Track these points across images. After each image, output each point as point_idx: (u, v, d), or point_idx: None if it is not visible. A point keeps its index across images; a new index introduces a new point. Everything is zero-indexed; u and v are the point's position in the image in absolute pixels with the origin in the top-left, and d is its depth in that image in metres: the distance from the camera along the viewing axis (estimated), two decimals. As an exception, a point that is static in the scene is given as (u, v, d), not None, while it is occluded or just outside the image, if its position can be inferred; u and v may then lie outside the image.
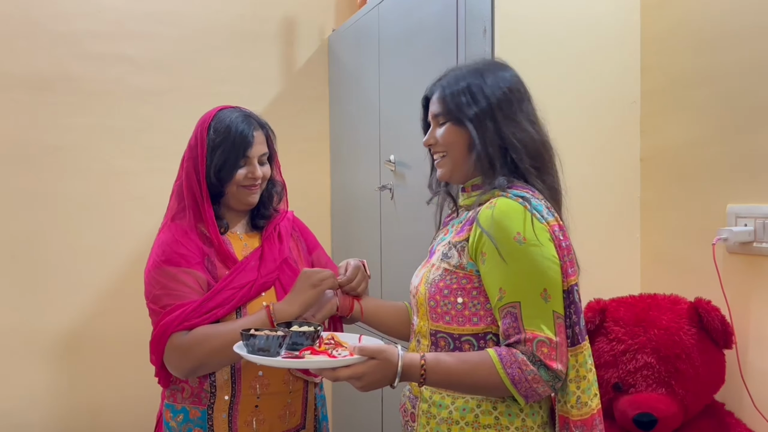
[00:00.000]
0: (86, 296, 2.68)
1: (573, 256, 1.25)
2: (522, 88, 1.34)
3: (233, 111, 1.61)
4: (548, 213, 1.24)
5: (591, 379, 1.24)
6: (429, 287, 1.30)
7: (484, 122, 1.27)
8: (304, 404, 1.62)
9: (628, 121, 1.99)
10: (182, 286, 1.49)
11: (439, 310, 1.28)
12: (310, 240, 1.78)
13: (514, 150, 1.27)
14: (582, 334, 1.23)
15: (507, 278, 1.19)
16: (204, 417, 1.53)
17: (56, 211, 2.63)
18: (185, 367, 1.47)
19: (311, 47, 2.97)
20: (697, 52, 1.83)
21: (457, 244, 1.28)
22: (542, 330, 1.17)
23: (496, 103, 1.28)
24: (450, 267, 1.28)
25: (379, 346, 1.20)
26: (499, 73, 1.33)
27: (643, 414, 1.59)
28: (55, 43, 2.61)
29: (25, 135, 2.58)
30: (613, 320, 1.70)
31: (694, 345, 1.62)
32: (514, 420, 1.25)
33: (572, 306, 1.22)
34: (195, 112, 2.75)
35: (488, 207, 1.23)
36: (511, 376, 1.17)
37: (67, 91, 2.63)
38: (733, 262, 1.71)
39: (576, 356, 1.22)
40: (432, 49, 2.06)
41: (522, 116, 1.30)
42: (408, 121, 2.25)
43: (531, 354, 1.17)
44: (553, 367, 1.17)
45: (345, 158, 2.86)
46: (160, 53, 2.74)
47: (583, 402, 1.22)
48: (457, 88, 1.30)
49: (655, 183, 1.97)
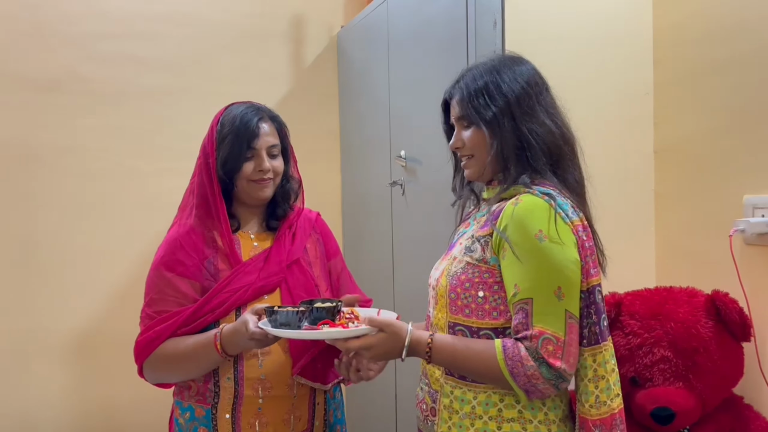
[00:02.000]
0: (98, 297, 2.68)
1: (596, 256, 1.24)
2: (540, 80, 1.33)
3: (243, 104, 1.60)
4: (573, 212, 1.23)
5: (612, 379, 1.23)
6: (450, 279, 1.29)
7: (503, 122, 1.27)
8: (311, 410, 1.58)
9: (641, 113, 1.98)
10: (176, 293, 1.52)
11: (459, 303, 1.28)
12: (330, 246, 1.72)
13: (530, 148, 1.26)
14: (603, 334, 1.22)
15: (523, 274, 1.19)
16: (208, 416, 1.53)
17: (67, 212, 2.63)
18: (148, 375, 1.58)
19: (320, 45, 2.97)
20: (709, 42, 1.81)
21: (480, 239, 1.28)
22: (550, 328, 1.17)
23: (514, 100, 1.28)
24: (473, 260, 1.27)
25: (389, 320, 1.26)
26: (515, 68, 1.32)
27: (661, 408, 1.58)
28: (63, 44, 2.61)
29: (35, 136, 2.59)
30: (628, 314, 1.68)
31: (712, 338, 1.60)
32: (537, 413, 1.25)
33: (593, 306, 1.21)
34: (204, 111, 2.76)
35: (513, 203, 1.23)
36: (510, 368, 1.17)
37: (77, 92, 2.63)
38: (751, 254, 1.68)
39: (594, 356, 1.21)
40: (442, 44, 2.05)
41: (540, 109, 1.29)
42: (418, 116, 2.24)
43: (535, 350, 1.17)
44: (556, 365, 1.16)
45: (355, 155, 2.85)
46: (169, 53, 2.74)
47: (602, 401, 1.21)
48: (476, 89, 1.30)
49: (669, 175, 1.95)
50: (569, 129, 1.33)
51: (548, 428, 1.25)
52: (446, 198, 2.01)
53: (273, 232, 1.63)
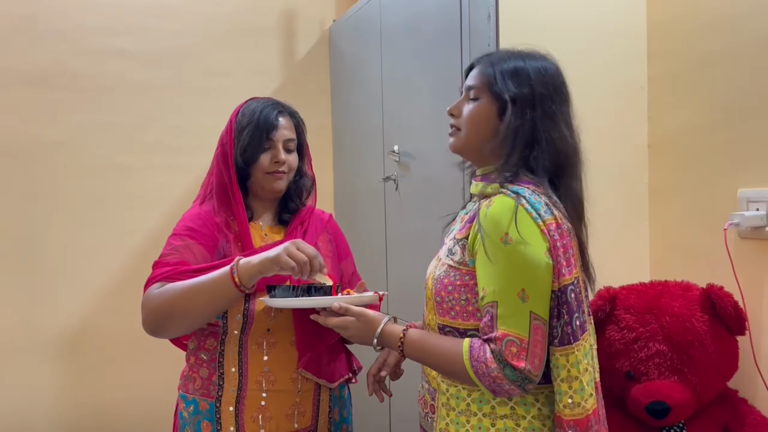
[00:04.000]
0: (89, 293, 2.66)
1: (571, 254, 1.22)
2: (565, 90, 1.32)
3: (264, 99, 1.64)
4: (546, 211, 1.20)
5: (585, 379, 1.21)
6: (435, 283, 1.30)
7: (524, 109, 1.25)
8: (316, 406, 1.57)
9: (636, 107, 1.97)
10: (193, 255, 1.51)
11: (444, 306, 1.28)
12: (342, 247, 1.72)
13: (539, 146, 1.25)
14: (575, 334, 1.20)
15: (489, 277, 1.19)
16: (212, 410, 1.52)
17: (57, 207, 2.61)
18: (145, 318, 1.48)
19: (312, 39, 2.95)
20: (704, 35, 1.80)
21: (459, 241, 1.28)
22: (514, 330, 1.16)
23: (538, 95, 1.26)
24: (454, 263, 1.27)
25: (362, 311, 1.34)
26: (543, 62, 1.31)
27: (656, 402, 1.57)
28: (53, 38, 2.58)
29: (25, 131, 2.57)
30: (623, 308, 1.68)
31: (707, 332, 1.60)
32: (531, 409, 1.25)
33: (564, 306, 1.19)
34: (195, 106, 2.77)
35: (486, 205, 1.22)
36: (475, 369, 1.18)
37: (67, 87, 2.61)
38: (745, 248, 1.68)
39: (567, 356, 1.20)
40: (435, 37, 2.03)
41: (560, 117, 1.28)
42: (411, 110, 2.23)
43: (499, 353, 1.16)
44: (520, 366, 1.15)
45: (348, 150, 2.84)
46: (159, 47, 2.72)
47: (576, 402, 1.20)
48: (503, 68, 1.28)
49: (663, 169, 1.95)
50: (580, 146, 1.32)
51: (542, 423, 1.25)
52: (440, 193, 2.01)
53: (285, 226, 1.64)
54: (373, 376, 1.50)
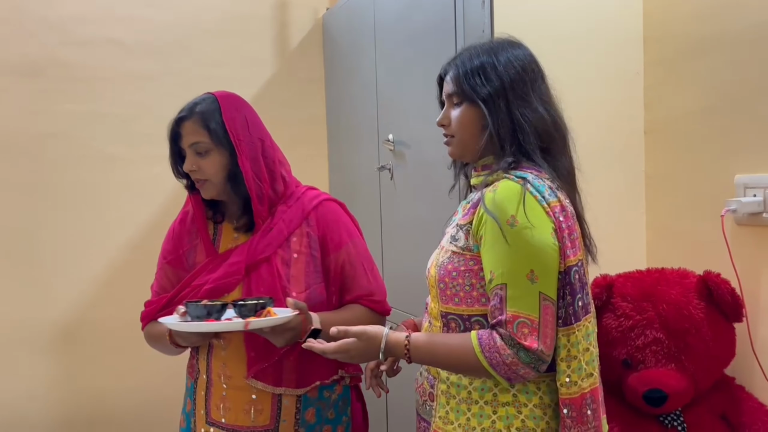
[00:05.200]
0: (83, 284, 2.65)
1: (576, 236, 1.24)
2: (536, 67, 1.33)
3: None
4: (550, 194, 1.23)
5: (585, 359, 1.23)
6: (438, 270, 1.30)
7: (497, 102, 1.27)
8: (275, 407, 1.52)
9: (632, 94, 1.95)
10: (166, 280, 1.61)
11: (448, 292, 1.29)
12: (331, 239, 1.56)
13: (522, 131, 1.26)
14: (576, 314, 1.22)
15: (497, 261, 1.20)
16: (192, 388, 1.59)
17: (49, 199, 2.59)
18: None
19: (305, 28, 2.92)
20: (700, 20, 1.78)
21: (463, 227, 1.29)
22: (524, 310, 1.18)
23: (509, 83, 1.28)
24: (458, 249, 1.28)
25: (360, 330, 1.29)
26: (512, 51, 1.32)
27: (653, 390, 1.57)
28: (43, 28, 2.55)
29: (15, 123, 2.54)
30: (620, 296, 1.67)
31: (704, 319, 1.59)
32: (532, 397, 1.25)
33: (567, 287, 1.21)
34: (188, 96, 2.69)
35: (491, 190, 1.24)
36: (489, 360, 1.18)
37: (57, 77, 2.58)
38: (743, 234, 1.67)
39: (568, 336, 1.22)
40: (429, 25, 2.01)
41: (534, 96, 1.29)
42: (406, 99, 2.21)
43: (509, 337, 1.17)
44: (533, 347, 1.16)
45: (343, 139, 2.82)
46: (150, 37, 2.69)
47: (573, 381, 1.21)
48: (471, 67, 1.30)
49: (659, 156, 1.93)
50: (562, 119, 1.33)
51: (543, 411, 1.25)
52: (436, 182, 2.00)
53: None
54: (371, 371, 1.50)
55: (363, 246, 1.64)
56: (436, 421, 1.32)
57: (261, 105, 3.00)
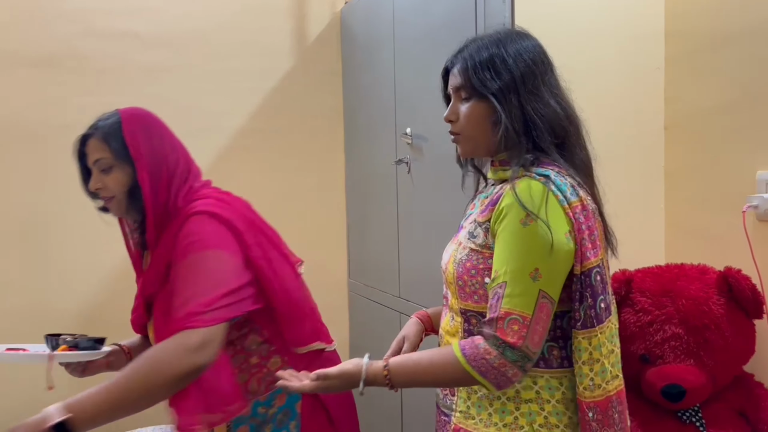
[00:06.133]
0: (98, 276, 2.66)
1: (596, 236, 1.21)
2: (545, 59, 1.29)
3: None
4: (572, 193, 1.20)
5: (609, 361, 1.21)
6: (457, 267, 1.28)
7: (509, 97, 1.24)
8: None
9: (652, 88, 1.94)
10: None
11: (467, 290, 1.27)
12: (176, 253, 1.38)
13: (536, 127, 1.24)
14: (599, 317, 1.19)
15: (504, 260, 1.18)
16: None
17: (66, 190, 2.60)
18: None
19: (323, 21, 2.92)
20: (722, 14, 1.77)
21: (482, 224, 1.26)
22: (518, 308, 1.15)
23: (519, 77, 1.24)
24: (476, 247, 1.26)
25: (339, 371, 1.25)
26: (521, 43, 1.28)
27: (672, 385, 1.57)
28: (61, 20, 2.57)
29: (33, 114, 2.55)
30: (639, 291, 1.67)
31: (724, 315, 1.59)
32: (555, 393, 1.24)
33: (588, 289, 1.18)
34: (204, 88, 2.76)
35: (512, 188, 1.20)
36: (478, 369, 1.16)
37: (74, 69, 2.59)
38: (764, 230, 1.66)
39: (590, 339, 1.19)
40: (449, 18, 2.01)
41: (545, 90, 1.26)
42: (425, 92, 2.20)
43: (493, 336, 1.15)
44: (518, 345, 1.14)
45: (360, 133, 2.82)
46: (168, 29, 2.69)
47: (597, 384, 1.19)
48: (480, 60, 1.26)
49: (679, 151, 1.92)
50: (574, 110, 1.30)
51: (566, 407, 1.24)
52: (453, 176, 1.99)
53: None
54: None
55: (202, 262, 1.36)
56: (456, 416, 1.31)
57: (278, 98, 3.03)
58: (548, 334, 1.21)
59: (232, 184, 2.57)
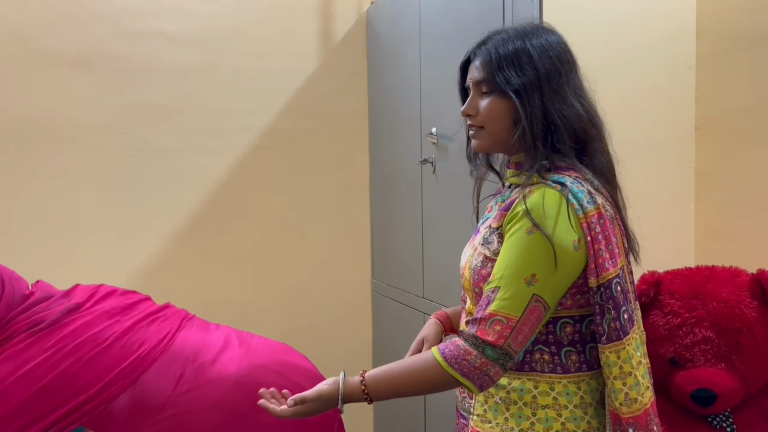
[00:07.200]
0: (129, 274, 2.69)
1: (614, 244, 1.17)
2: (570, 57, 1.26)
3: None
4: (589, 201, 1.17)
5: (639, 373, 1.18)
6: (473, 274, 1.26)
7: (531, 96, 1.20)
8: None
9: (683, 88, 1.92)
10: None
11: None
12: None
13: (557, 129, 1.20)
14: (624, 328, 1.16)
15: (502, 266, 1.16)
16: None
17: (97, 188, 2.64)
18: None
19: (349, 21, 2.92)
20: (754, 13, 1.74)
21: (496, 230, 1.24)
22: (504, 311, 1.13)
23: (544, 74, 1.20)
24: (490, 254, 1.23)
25: (316, 394, 1.22)
26: (546, 37, 1.24)
27: (702, 390, 1.54)
28: (93, 20, 2.60)
29: (65, 113, 2.59)
30: (668, 293, 1.64)
31: (757, 318, 1.56)
32: (573, 398, 1.21)
33: (610, 301, 1.15)
34: (233, 88, 2.78)
35: (527, 196, 1.18)
36: (459, 370, 1.14)
37: (106, 69, 2.63)
38: (798, 232, 1.63)
39: (618, 353, 1.16)
40: (476, 16, 2.00)
41: (569, 90, 1.22)
42: (451, 91, 2.17)
43: (472, 336, 1.14)
44: (498, 343, 1.13)
45: (385, 132, 2.82)
46: (197, 29, 2.72)
47: (632, 398, 1.16)
48: (504, 54, 1.22)
49: (710, 151, 1.89)
50: (597, 113, 1.26)
51: (584, 411, 1.21)
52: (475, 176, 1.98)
53: None
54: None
55: None
56: (474, 419, 1.29)
57: (303, 97, 3.03)
58: (565, 339, 1.20)
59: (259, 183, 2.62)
